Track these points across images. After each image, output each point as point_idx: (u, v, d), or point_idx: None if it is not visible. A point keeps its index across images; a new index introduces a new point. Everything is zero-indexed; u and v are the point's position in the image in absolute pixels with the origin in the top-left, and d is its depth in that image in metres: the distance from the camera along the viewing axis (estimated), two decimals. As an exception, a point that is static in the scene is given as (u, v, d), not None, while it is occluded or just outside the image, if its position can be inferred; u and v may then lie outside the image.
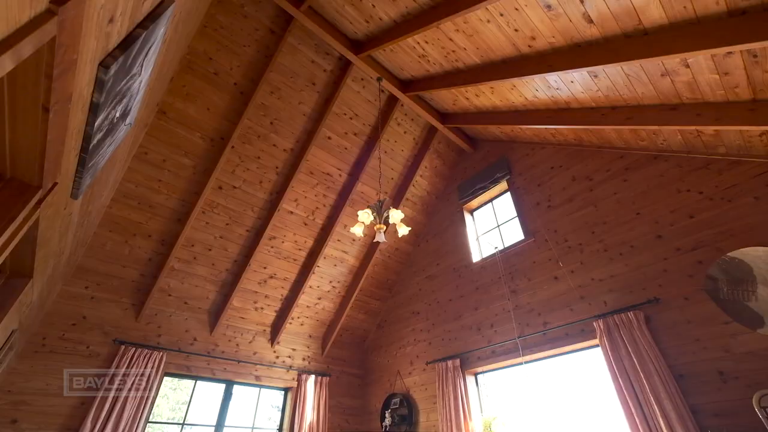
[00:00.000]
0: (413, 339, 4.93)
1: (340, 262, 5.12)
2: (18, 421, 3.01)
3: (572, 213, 3.80)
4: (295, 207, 4.61)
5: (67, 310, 3.55)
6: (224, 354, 4.34)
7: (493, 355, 3.87)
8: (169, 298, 4.15)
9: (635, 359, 2.73)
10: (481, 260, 4.55)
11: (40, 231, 1.77)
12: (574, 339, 3.28)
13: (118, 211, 3.69)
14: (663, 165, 3.31)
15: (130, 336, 3.77)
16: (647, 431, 2.52)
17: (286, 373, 4.72)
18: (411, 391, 4.59)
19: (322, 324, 5.32)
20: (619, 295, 3.14)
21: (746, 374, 2.37)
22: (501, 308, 4.04)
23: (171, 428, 9.54)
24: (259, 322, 4.79)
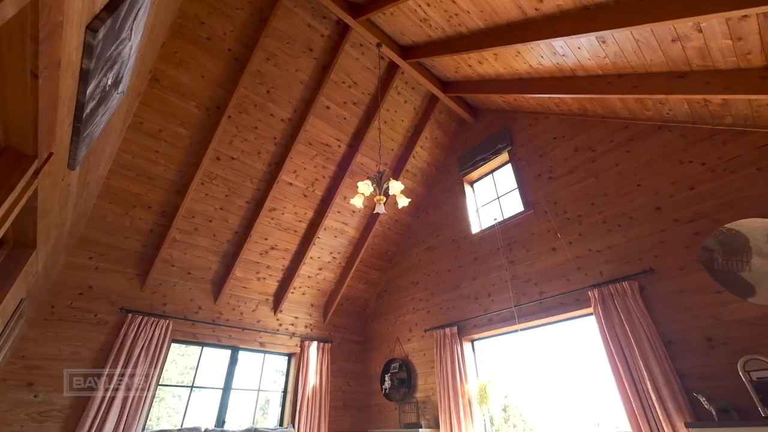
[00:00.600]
0: (412, 308, 5.07)
1: (340, 233, 5.16)
2: (33, 384, 3.15)
3: (573, 184, 3.79)
4: (294, 178, 4.58)
5: (72, 280, 3.62)
6: (229, 322, 4.47)
7: (489, 323, 3.99)
8: (173, 269, 4.22)
9: (627, 327, 2.82)
10: (480, 232, 4.58)
11: (39, 202, 1.77)
12: (569, 308, 3.37)
13: (116, 182, 3.67)
14: (667, 135, 3.25)
15: (136, 305, 3.87)
16: (635, 393, 2.65)
17: (289, 340, 4.89)
18: (410, 357, 4.77)
19: (324, 293, 5.44)
20: (616, 265, 3.19)
21: (734, 341, 2.45)
22: (498, 278, 4.11)
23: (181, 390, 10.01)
24: (262, 291, 4.90)
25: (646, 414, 2.56)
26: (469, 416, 3.69)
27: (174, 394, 10.17)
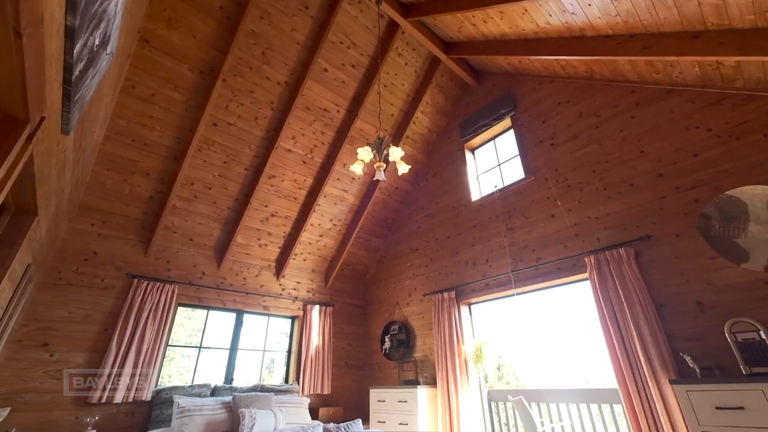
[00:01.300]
0: (412, 273, 5.18)
1: (340, 200, 5.17)
2: (48, 344, 3.29)
3: (575, 151, 3.74)
4: (292, 145, 4.52)
5: (77, 246, 3.67)
6: (232, 287, 4.58)
7: (486, 288, 4.09)
8: (175, 235, 4.27)
9: (621, 291, 2.89)
10: (480, 199, 4.59)
11: (36, 168, 1.76)
12: (565, 273, 3.44)
13: (112, 148, 3.62)
14: (675, 100, 3.17)
15: (141, 270, 3.95)
16: (623, 353, 2.77)
17: (292, 304, 5.04)
18: (409, 319, 4.94)
19: (325, 260, 5.54)
20: (613, 232, 3.22)
21: (723, 304, 2.53)
22: (497, 245, 4.17)
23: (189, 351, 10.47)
24: (264, 257, 4.98)
25: (633, 372, 2.69)
26: (465, 374, 3.88)
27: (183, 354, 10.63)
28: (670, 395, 2.47)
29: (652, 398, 2.55)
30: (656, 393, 2.52)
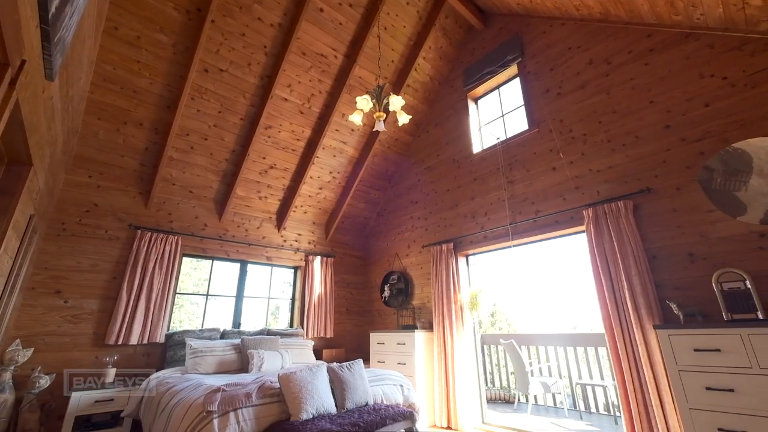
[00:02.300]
0: (411, 225, 5.25)
1: (339, 152, 5.08)
2: (61, 292, 3.43)
3: (582, 101, 3.60)
4: (288, 93, 4.34)
5: (77, 198, 3.68)
6: (235, 238, 4.67)
7: (484, 240, 4.17)
8: (174, 187, 4.26)
9: (616, 243, 2.95)
10: (481, 151, 4.51)
11: (24, 115, 1.70)
12: (563, 226, 3.49)
13: (101, 96, 3.48)
14: (692, 45, 2.98)
15: (143, 222, 4.00)
16: (612, 301, 2.89)
17: (294, 255, 5.17)
18: (408, 270, 5.10)
19: (325, 212, 5.58)
20: (614, 185, 3.21)
21: (715, 256, 2.59)
22: (496, 198, 4.18)
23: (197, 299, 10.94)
24: (264, 210, 5.01)
25: (620, 318, 2.84)
26: (460, 320, 4.10)
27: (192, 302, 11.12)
28: (652, 339, 2.63)
29: (635, 342, 2.71)
30: (640, 337, 2.68)
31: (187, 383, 2.66)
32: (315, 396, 2.34)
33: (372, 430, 2.20)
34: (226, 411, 2.11)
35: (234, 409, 2.14)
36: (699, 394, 2.17)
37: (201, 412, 2.09)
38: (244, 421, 2.13)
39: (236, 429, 2.08)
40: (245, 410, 2.17)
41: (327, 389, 2.47)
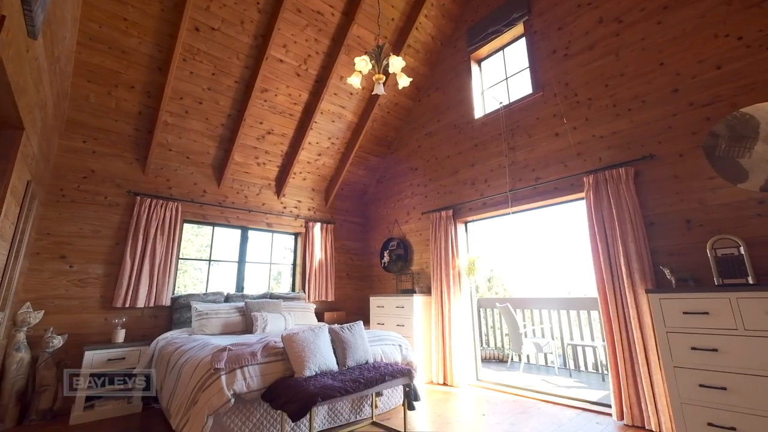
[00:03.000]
0: (411, 192, 5.24)
1: (338, 117, 4.96)
2: (66, 257, 3.48)
3: (589, 63, 3.47)
4: (284, 54, 4.16)
5: (73, 164, 3.64)
6: (235, 204, 4.67)
7: (483, 207, 4.18)
8: (171, 153, 4.20)
9: (614, 210, 2.96)
10: (483, 116, 4.40)
11: (9, 76, 1.64)
12: (563, 192, 3.48)
13: (88, 57, 3.34)
14: (708, 2, 2.82)
15: (142, 188, 3.98)
16: (607, 266, 2.95)
17: (294, 221, 5.20)
18: (407, 236, 5.16)
19: (324, 179, 5.55)
20: (616, 151, 3.17)
21: (711, 223, 2.61)
22: (497, 164, 4.14)
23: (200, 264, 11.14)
24: (263, 176, 4.98)
25: (614, 283, 2.91)
26: (458, 285, 4.20)
27: (195, 267, 11.33)
28: (643, 303, 2.71)
29: (627, 306, 2.80)
30: (632, 301, 2.76)
31: (195, 343, 2.78)
32: (317, 355, 2.45)
33: (372, 385, 2.33)
34: (232, 368, 2.22)
35: (240, 366, 2.24)
36: (684, 354, 2.27)
37: (209, 370, 2.20)
38: (250, 377, 2.24)
39: (243, 384, 2.19)
40: (251, 368, 2.28)
41: (329, 349, 2.58)
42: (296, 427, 2.44)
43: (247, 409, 2.28)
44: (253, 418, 2.29)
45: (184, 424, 2.15)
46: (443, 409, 3.17)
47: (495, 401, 3.36)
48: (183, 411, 2.21)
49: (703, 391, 2.17)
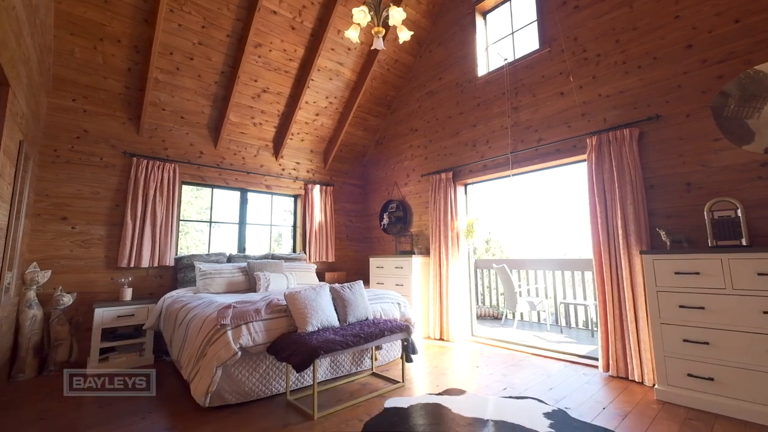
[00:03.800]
0: (410, 154, 5.16)
1: (335, 75, 4.77)
2: (67, 218, 3.50)
3: (601, 15, 3.27)
4: (277, 5, 3.91)
5: (65, 123, 3.54)
6: (233, 166, 4.62)
7: (484, 169, 4.14)
8: (164, 113, 4.08)
9: (616, 172, 2.94)
10: (486, 74, 4.24)
11: (-11, 28, 1.55)
12: (564, 154, 3.44)
13: (69, 7, 3.14)
14: (736, -55, 2.61)
15: (137, 149, 3.91)
16: (604, 228, 2.98)
17: (293, 183, 5.18)
18: (406, 198, 5.16)
19: (322, 140, 5.44)
20: (622, 111, 3.08)
21: (711, 185, 2.60)
22: (499, 125, 4.04)
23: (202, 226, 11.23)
24: (260, 137, 4.88)
25: (610, 245, 2.96)
26: (456, 246, 4.27)
27: (197, 229, 11.44)
28: (637, 264, 2.77)
29: (621, 266, 2.87)
30: (625, 262, 2.82)
31: (200, 301, 2.87)
32: (319, 311, 2.54)
33: (372, 339, 2.44)
34: (238, 324, 2.31)
35: (245, 322, 2.34)
36: (672, 311, 2.36)
37: (215, 325, 2.30)
38: (255, 332, 2.34)
39: (249, 339, 2.30)
40: (256, 323, 2.38)
41: (330, 306, 2.67)
42: (301, 377, 2.59)
43: (253, 361, 2.40)
44: (260, 369, 2.43)
45: (195, 374, 2.29)
46: (439, 361, 3.35)
47: (488, 355, 3.55)
48: (193, 363, 2.34)
49: (686, 346, 2.29)
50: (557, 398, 2.42)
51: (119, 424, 2.09)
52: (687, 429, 1.96)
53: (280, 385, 2.50)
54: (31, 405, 2.40)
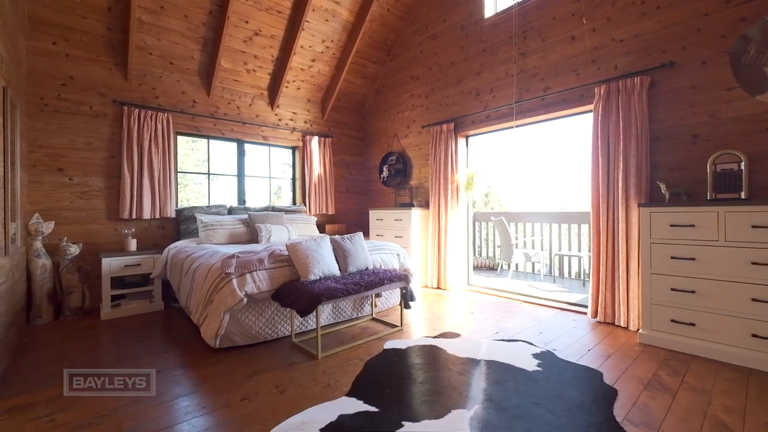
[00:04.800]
0: (411, 104, 4.99)
1: (332, 16, 4.45)
2: (63, 169, 3.46)
3: (624, -54, 2.98)
4: (267, -68, 3.53)
5: (48, 69, 3.37)
6: (228, 116, 4.48)
7: (486, 120, 4.02)
8: (152, 58, 3.86)
9: (622, 123, 2.86)
10: (494, 16, 3.95)
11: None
12: (570, 104, 3.32)
13: (37, -67, 2.84)
14: None
15: (127, 97, 3.76)
16: (605, 181, 2.97)
17: (291, 134, 5.06)
18: (406, 151, 5.08)
19: (320, 88, 5.22)
20: (635, 57, 2.93)
21: (719, 137, 2.55)
22: (505, 73, 3.86)
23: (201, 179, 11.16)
24: (254, 85, 4.67)
25: (609, 197, 2.96)
26: (455, 199, 4.28)
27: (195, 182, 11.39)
28: (634, 217, 2.80)
29: (617, 219, 2.90)
30: (623, 215, 2.85)
31: (204, 251, 2.94)
32: (320, 261, 2.61)
33: (371, 287, 2.54)
34: (242, 273, 2.39)
35: (249, 271, 2.42)
36: (663, 262, 2.43)
37: (220, 274, 2.37)
38: (259, 281, 2.43)
39: (253, 286, 2.39)
40: (259, 272, 2.46)
41: (331, 257, 2.74)
42: (304, 321, 2.73)
43: (259, 307, 2.52)
44: (266, 314, 2.55)
45: (204, 319, 2.41)
46: (436, 308, 3.52)
47: (483, 302, 3.72)
48: (201, 309, 2.45)
49: (673, 294, 2.39)
50: (546, 341, 2.57)
51: (138, 363, 2.24)
52: (665, 368, 2.12)
53: (285, 328, 2.65)
54: (51, 346, 2.56)
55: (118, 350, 2.49)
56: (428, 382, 1.95)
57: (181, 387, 1.92)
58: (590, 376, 2.01)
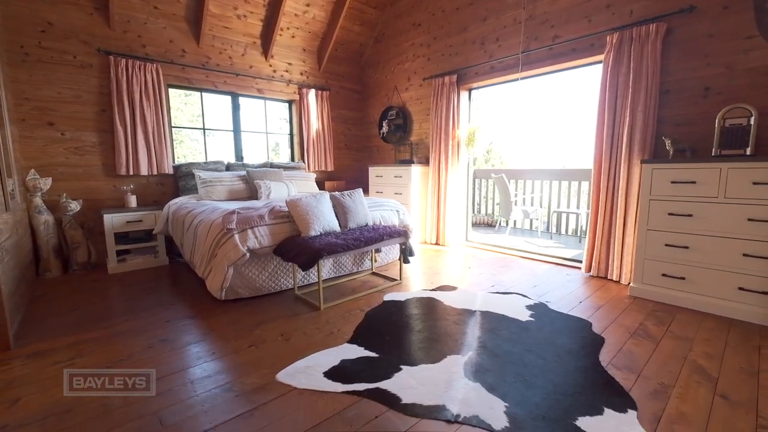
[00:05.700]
0: (412, 54, 4.74)
1: (327, -48, 4.08)
2: (54, 124, 3.37)
3: None
4: None
5: (24, 13, 3.15)
6: (220, 67, 4.27)
7: (491, 71, 3.85)
8: (134, 1, 3.60)
9: (632, 75, 2.74)
10: (504, -48, 3.63)
11: None
12: (580, 54, 3.16)
13: None
14: None
15: (112, 46, 3.56)
16: (609, 136, 2.91)
17: (287, 87, 4.86)
18: (407, 105, 4.92)
19: (315, 36, 4.93)
20: (652, 1, 2.73)
21: (731, 90, 2.45)
22: (512, 19, 3.62)
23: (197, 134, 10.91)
24: (247, 33, 4.40)
25: (612, 153, 2.92)
26: (456, 156, 4.22)
27: (191, 138, 11.15)
28: (635, 174, 2.78)
29: (619, 176, 2.88)
30: (624, 172, 2.82)
31: (205, 207, 2.95)
32: (321, 217, 2.64)
33: (371, 243, 2.59)
34: (243, 228, 2.42)
35: (250, 227, 2.44)
36: (660, 218, 2.45)
37: (222, 230, 2.40)
38: (261, 236, 2.47)
39: (255, 242, 2.43)
40: (260, 228, 2.49)
41: (331, 213, 2.76)
42: (306, 275, 2.81)
43: (262, 262, 2.58)
44: (269, 268, 2.62)
45: (209, 273, 2.48)
46: (434, 263, 3.61)
47: (480, 257, 3.81)
48: (205, 263, 2.51)
49: (667, 249, 2.44)
50: (540, 294, 2.67)
51: (147, 314, 2.34)
52: (651, 318, 2.22)
53: (288, 282, 2.74)
54: (62, 298, 2.66)
55: (127, 302, 2.59)
56: (425, 330, 2.05)
57: (191, 335, 2.03)
58: (580, 325, 2.11)
